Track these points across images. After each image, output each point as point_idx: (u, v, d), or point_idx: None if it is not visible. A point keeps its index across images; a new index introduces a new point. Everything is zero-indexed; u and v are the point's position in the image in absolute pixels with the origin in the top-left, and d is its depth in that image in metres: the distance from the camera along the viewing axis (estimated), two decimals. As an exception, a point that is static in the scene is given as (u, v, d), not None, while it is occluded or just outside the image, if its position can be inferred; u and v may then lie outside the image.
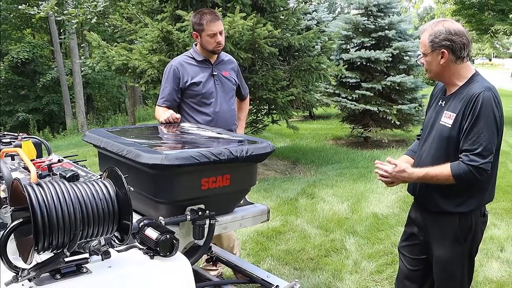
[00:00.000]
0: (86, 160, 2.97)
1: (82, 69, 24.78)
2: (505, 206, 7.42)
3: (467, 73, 3.04)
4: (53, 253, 1.75)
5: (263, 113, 10.04)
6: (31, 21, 31.47)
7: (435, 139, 3.08)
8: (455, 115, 2.95)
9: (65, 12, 16.36)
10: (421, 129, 3.43)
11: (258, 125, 10.42)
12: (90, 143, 2.96)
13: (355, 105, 12.17)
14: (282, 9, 9.22)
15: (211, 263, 3.32)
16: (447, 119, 2.99)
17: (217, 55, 4.38)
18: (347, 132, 14.02)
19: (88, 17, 15.81)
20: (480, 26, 20.03)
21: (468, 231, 3.12)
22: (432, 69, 3.04)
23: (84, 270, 1.84)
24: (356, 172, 9.50)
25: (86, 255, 1.85)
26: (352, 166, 9.99)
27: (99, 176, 2.26)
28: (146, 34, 8.35)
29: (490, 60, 78.16)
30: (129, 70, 8.49)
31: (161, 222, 2.40)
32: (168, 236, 2.07)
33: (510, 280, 4.99)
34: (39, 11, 17.13)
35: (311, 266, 5.20)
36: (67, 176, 2.15)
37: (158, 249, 2.04)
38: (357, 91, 12.24)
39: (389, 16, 12.63)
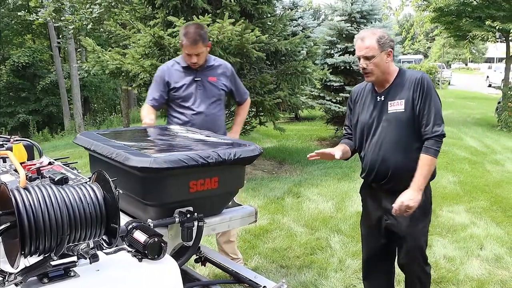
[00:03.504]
0: (77, 162, 2.88)
1: (79, 72, 24.79)
2: (484, 205, 7.40)
3: (395, 68, 3.44)
4: (41, 257, 1.67)
5: (251, 115, 9.96)
6: (32, 27, 31.83)
7: (390, 127, 3.35)
8: (403, 100, 3.31)
9: (62, 18, 16.31)
10: (346, 129, 3.83)
11: (246, 126, 10.35)
12: (81, 146, 2.88)
13: (339, 107, 12.19)
14: (269, 15, 9.14)
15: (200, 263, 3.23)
16: (397, 106, 3.33)
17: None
18: (331, 133, 13.98)
19: (84, 23, 15.78)
20: (458, 33, 20.08)
21: (430, 201, 3.53)
22: (379, 69, 3.32)
23: (72, 273, 1.76)
24: (340, 171, 9.45)
25: (74, 258, 1.76)
26: (336, 166, 9.93)
27: (89, 179, 2.18)
28: (139, 39, 8.29)
29: (466, 64, 78.48)
30: (123, 74, 8.43)
31: (149, 225, 2.32)
32: (156, 239, 1.99)
33: (490, 278, 4.95)
34: (38, 17, 17.07)
35: (297, 264, 5.13)
36: (56, 179, 2.07)
37: (146, 252, 1.96)
38: (341, 94, 12.28)
39: (371, 22, 12.66)
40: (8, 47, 33.37)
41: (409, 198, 3.24)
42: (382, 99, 3.40)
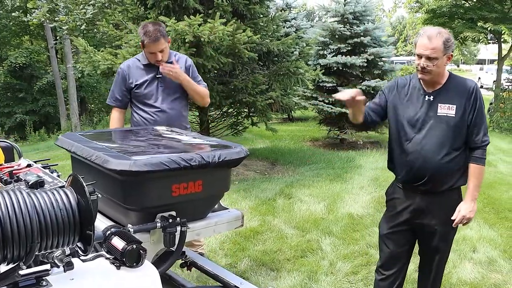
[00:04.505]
0: (57, 164, 2.76)
1: (73, 72, 24.73)
2: (477, 206, 7.29)
3: (447, 72, 3.41)
4: (9, 266, 1.57)
5: (243, 115, 9.90)
6: (29, 28, 31.77)
7: (437, 129, 3.32)
8: (455, 106, 3.29)
9: (56, 19, 16.24)
10: (370, 105, 3.66)
11: (238, 127, 10.29)
12: (62, 147, 2.77)
13: (331, 108, 12.09)
14: (261, 16, 9.04)
15: (186, 267, 3.12)
16: (447, 110, 3.31)
17: None
18: (324, 134, 13.88)
19: (77, 24, 15.71)
20: (450, 34, 20.04)
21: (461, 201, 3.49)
22: (438, 71, 3.29)
23: (44, 283, 1.64)
24: (332, 172, 9.35)
25: (47, 266, 1.64)
26: (328, 167, 9.85)
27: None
28: (130, 40, 8.18)
29: (458, 66, 78.62)
30: (115, 74, 8.32)
31: (129, 230, 2.21)
32: (134, 246, 1.87)
33: (483, 281, 4.87)
34: (32, 18, 16.99)
35: (287, 267, 5.02)
36: (30, 183, 1.97)
37: (124, 259, 1.85)
38: (333, 95, 12.10)
39: (364, 23, 12.59)
40: (6, 48, 33.47)
41: (469, 210, 3.33)
42: (432, 99, 3.37)
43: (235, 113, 9.90)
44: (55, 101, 30.47)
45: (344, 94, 3.37)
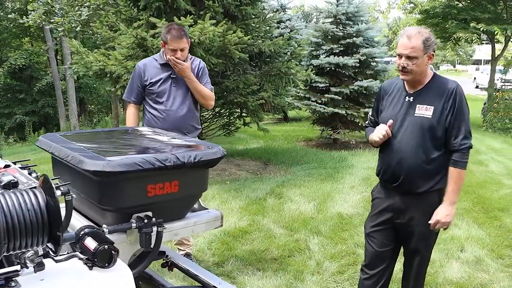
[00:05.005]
0: (36, 165, 2.75)
1: (69, 73, 24.77)
2: (466, 206, 7.32)
3: (430, 72, 3.38)
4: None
5: (235, 116, 9.91)
6: (29, 30, 31.79)
7: (413, 130, 3.31)
8: (433, 107, 3.26)
9: (51, 21, 16.27)
10: (371, 119, 3.75)
11: (230, 127, 10.29)
12: (41, 148, 2.76)
13: (324, 108, 12.12)
14: (253, 17, 9.04)
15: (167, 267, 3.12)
16: (424, 111, 3.28)
17: None
18: (317, 134, 13.91)
19: (73, 26, 15.74)
20: (444, 34, 20.08)
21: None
22: (418, 70, 3.26)
23: (13, 284, 1.63)
24: (324, 172, 9.35)
25: (18, 267, 1.65)
26: (320, 167, 9.85)
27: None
28: (123, 41, 8.18)
29: (454, 66, 78.68)
30: (107, 75, 8.33)
31: (103, 231, 2.21)
32: (106, 246, 1.87)
33: (470, 281, 4.86)
34: (28, 20, 17.01)
35: (274, 266, 5.01)
36: (3, 184, 1.96)
37: (95, 259, 1.85)
38: (326, 95, 12.22)
39: (357, 24, 12.62)
40: (6, 50, 33.59)
41: (445, 214, 3.29)
42: (411, 100, 3.37)
43: (227, 113, 9.91)
44: (55, 102, 30.60)
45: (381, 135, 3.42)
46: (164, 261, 3.04)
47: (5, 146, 21.31)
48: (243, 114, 9.66)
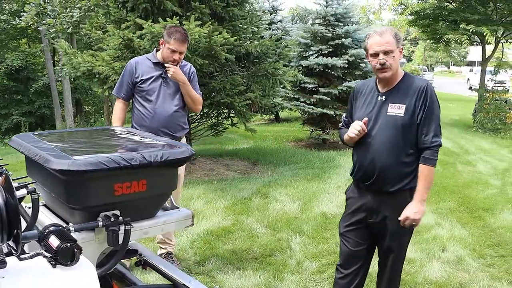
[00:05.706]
0: (7, 164, 2.77)
1: (60, 74, 24.76)
2: (451, 206, 7.37)
3: (401, 71, 3.44)
4: None
5: (223, 116, 9.93)
6: (27, 31, 31.80)
7: (386, 129, 3.34)
8: (404, 105, 3.29)
9: (43, 22, 16.27)
10: (345, 121, 3.76)
11: (218, 127, 10.31)
12: (13, 148, 2.78)
13: (313, 109, 12.16)
14: (240, 18, 9.05)
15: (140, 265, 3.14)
16: (396, 110, 3.32)
17: None
18: (307, 134, 13.94)
19: (64, 27, 15.75)
20: (434, 36, 20.18)
21: None
22: (395, 66, 3.32)
23: (-28, 282, 1.66)
24: (311, 172, 9.39)
25: (-23, 265, 1.67)
26: (308, 167, 9.89)
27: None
28: (110, 42, 8.20)
29: (448, 68, 78.99)
30: (96, 76, 8.35)
31: (69, 229, 2.23)
32: (68, 244, 1.89)
33: (449, 281, 4.88)
34: (20, 21, 17.01)
35: (254, 266, 5.03)
36: (-33, 183, 1.97)
37: (58, 257, 1.87)
38: (315, 96, 12.26)
39: (347, 25, 12.65)
40: (3, 51, 33.63)
41: (414, 211, 3.29)
42: (383, 99, 3.40)
43: (215, 114, 9.92)
44: (51, 103, 30.63)
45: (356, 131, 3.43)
46: (138, 259, 3.06)
47: (1, 147, 21.25)
48: (231, 115, 9.67)
